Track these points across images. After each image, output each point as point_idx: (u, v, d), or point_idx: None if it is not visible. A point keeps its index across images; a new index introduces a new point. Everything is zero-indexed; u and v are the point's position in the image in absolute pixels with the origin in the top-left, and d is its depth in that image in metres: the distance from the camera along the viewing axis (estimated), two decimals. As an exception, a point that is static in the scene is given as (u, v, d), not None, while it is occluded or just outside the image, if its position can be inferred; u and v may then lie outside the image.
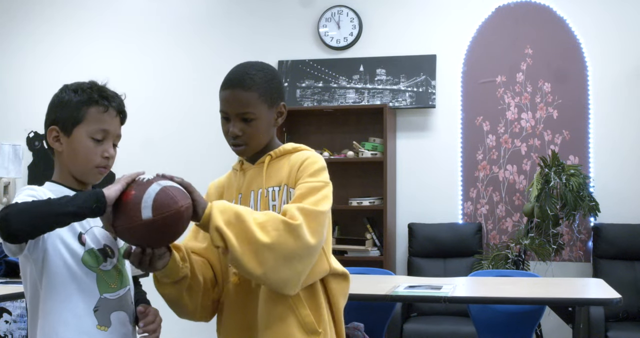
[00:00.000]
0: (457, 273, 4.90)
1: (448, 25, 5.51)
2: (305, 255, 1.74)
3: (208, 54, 5.86)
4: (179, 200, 1.69)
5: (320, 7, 5.71)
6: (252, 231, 1.71)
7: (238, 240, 1.71)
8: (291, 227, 1.72)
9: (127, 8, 6.12)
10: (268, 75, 1.94)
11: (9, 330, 5.62)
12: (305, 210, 1.77)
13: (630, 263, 4.97)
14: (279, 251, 1.71)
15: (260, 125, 1.91)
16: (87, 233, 1.83)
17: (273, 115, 1.95)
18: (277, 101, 1.95)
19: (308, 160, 1.92)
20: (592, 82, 5.25)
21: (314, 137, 5.59)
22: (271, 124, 1.95)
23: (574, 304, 3.46)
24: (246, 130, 1.91)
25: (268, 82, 1.93)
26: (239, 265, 1.74)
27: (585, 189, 5.00)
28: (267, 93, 1.92)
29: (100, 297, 1.80)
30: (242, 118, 1.90)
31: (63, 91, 1.93)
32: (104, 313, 1.81)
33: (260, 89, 1.91)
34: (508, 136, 5.36)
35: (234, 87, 1.92)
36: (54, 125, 1.89)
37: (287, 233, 1.72)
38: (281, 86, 1.99)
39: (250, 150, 1.95)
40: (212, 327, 2.03)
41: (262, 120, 1.91)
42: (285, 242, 1.72)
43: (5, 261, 3.86)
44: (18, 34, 6.28)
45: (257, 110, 1.90)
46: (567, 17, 5.32)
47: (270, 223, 1.74)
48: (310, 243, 1.74)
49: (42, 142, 6.13)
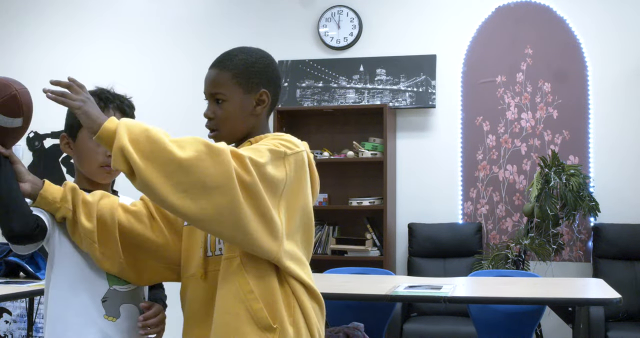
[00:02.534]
0: (457, 273, 4.90)
1: (448, 25, 5.51)
2: (227, 186, 1.56)
3: (208, 54, 5.82)
4: (13, 84, 1.75)
5: (320, 7, 5.71)
6: (166, 150, 1.54)
7: (146, 161, 1.54)
8: (214, 150, 1.56)
9: (127, 9, 6.12)
10: (251, 58, 1.84)
11: (9, 330, 5.62)
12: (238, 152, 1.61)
13: (630, 263, 4.97)
14: (197, 175, 1.55)
15: (232, 109, 1.80)
16: None
17: (251, 102, 1.81)
18: (256, 87, 1.81)
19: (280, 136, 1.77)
20: (592, 82, 5.26)
21: (314, 137, 5.59)
22: (248, 110, 1.81)
23: (574, 304, 3.46)
24: (217, 113, 1.80)
25: (248, 65, 1.82)
26: (148, 190, 1.56)
27: (585, 189, 5.00)
28: (243, 75, 1.80)
29: (109, 288, 1.87)
30: (214, 99, 1.81)
31: None
32: (113, 304, 1.87)
33: (235, 70, 1.80)
34: (508, 136, 5.36)
35: (212, 67, 1.84)
36: (64, 132, 2.02)
37: (209, 156, 1.55)
38: (266, 72, 1.85)
39: (222, 137, 1.80)
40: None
41: (234, 104, 1.80)
42: (205, 166, 1.55)
43: (5, 261, 3.85)
44: (18, 34, 6.28)
45: (229, 92, 1.79)
46: (567, 17, 5.32)
47: (189, 141, 1.57)
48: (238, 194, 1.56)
49: (42, 142, 6.13)
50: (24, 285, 3.52)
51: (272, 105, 1.87)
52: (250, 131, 1.83)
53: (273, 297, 1.69)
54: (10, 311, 5.63)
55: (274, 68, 1.88)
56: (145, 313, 1.88)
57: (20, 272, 3.86)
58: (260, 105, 1.83)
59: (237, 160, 1.59)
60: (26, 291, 3.43)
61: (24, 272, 3.83)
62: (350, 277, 4.12)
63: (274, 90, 1.86)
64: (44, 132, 6.10)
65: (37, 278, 3.72)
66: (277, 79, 1.89)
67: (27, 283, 3.59)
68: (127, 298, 1.90)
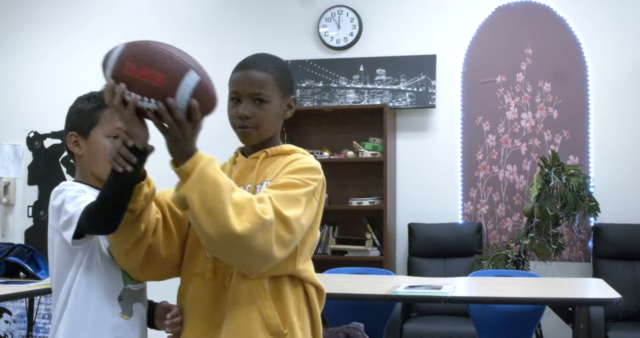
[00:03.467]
0: (457, 273, 4.90)
1: (448, 25, 5.51)
2: (267, 254, 1.67)
3: (208, 54, 5.84)
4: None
5: (320, 7, 5.71)
6: (225, 215, 1.61)
7: (205, 215, 1.62)
8: (265, 223, 1.64)
9: (127, 9, 6.12)
10: (283, 65, 1.93)
11: (9, 330, 5.62)
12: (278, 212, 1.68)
13: (630, 263, 4.97)
14: (244, 244, 1.63)
15: (271, 111, 1.86)
16: None
17: (284, 106, 1.90)
18: (289, 92, 1.91)
19: (299, 160, 1.84)
20: (592, 82, 5.26)
21: (314, 137, 5.59)
22: (280, 114, 1.89)
23: (574, 304, 3.46)
24: (257, 113, 1.85)
25: (283, 71, 1.91)
26: (196, 228, 1.66)
27: (585, 189, 5.00)
28: (282, 80, 1.88)
29: (124, 287, 1.92)
30: (254, 99, 1.85)
31: (77, 101, 2.06)
32: (127, 303, 1.92)
33: (275, 74, 1.87)
34: (508, 136, 5.36)
35: (250, 68, 1.88)
36: (72, 131, 2.02)
37: (260, 231, 1.63)
38: (294, 80, 1.95)
39: (257, 136, 1.87)
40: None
41: (273, 106, 1.86)
42: (254, 238, 1.63)
43: (5, 261, 3.86)
44: (18, 34, 6.28)
45: (271, 94, 1.85)
46: (567, 17, 5.32)
47: (247, 208, 1.63)
48: (274, 255, 1.67)
49: (42, 142, 6.13)
50: (24, 285, 3.52)
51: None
52: (273, 136, 1.92)
53: (285, 303, 1.78)
54: (10, 311, 5.63)
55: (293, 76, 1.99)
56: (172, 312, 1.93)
57: (20, 272, 3.86)
58: (289, 110, 1.92)
59: (282, 222, 1.68)
60: (26, 291, 3.44)
61: (24, 272, 3.83)
62: (350, 277, 4.12)
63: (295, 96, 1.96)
64: (44, 132, 6.10)
65: (37, 278, 3.72)
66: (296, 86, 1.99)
67: (27, 283, 3.59)
68: (138, 297, 1.95)
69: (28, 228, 6.15)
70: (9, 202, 6.16)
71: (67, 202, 1.84)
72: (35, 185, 6.14)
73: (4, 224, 6.20)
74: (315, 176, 1.80)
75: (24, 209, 6.17)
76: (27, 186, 6.16)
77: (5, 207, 6.19)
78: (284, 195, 1.71)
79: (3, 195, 6.13)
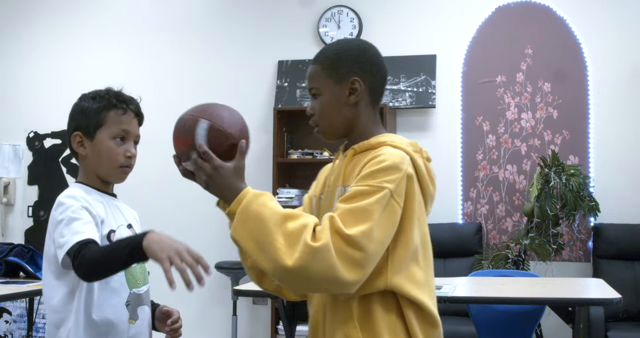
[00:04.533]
0: (457, 273, 4.90)
1: (448, 25, 5.51)
2: (331, 278, 1.55)
3: (208, 53, 5.86)
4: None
5: (320, 7, 5.71)
6: (274, 248, 1.56)
7: (257, 251, 1.59)
8: (317, 251, 1.55)
9: (127, 9, 6.12)
10: (341, 48, 1.79)
11: (9, 330, 5.62)
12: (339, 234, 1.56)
13: (630, 263, 4.97)
14: (302, 277, 1.56)
15: (327, 102, 1.76)
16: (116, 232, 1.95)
17: (344, 92, 1.75)
18: (346, 76, 1.74)
19: (373, 160, 1.66)
20: (592, 82, 5.25)
21: (314, 137, 5.54)
22: (342, 101, 1.75)
23: (574, 304, 3.46)
24: (315, 108, 1.78)
25: (337, 55, 1.77)
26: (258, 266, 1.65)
27: (585, 189, 5.00)
28: (334, 66, 1.75)
29: (130, 291, 1.92)
30: (312, 94, 1.79)
31: (82, 100, 2.02)
32: (134, 307, 1.92)
33: (326, 62, 1.77)
34: (508, 136, 5.36)
35: (310, 64, 1.81)
36: (77, 131, 1.99)
37: (312, 260, 1.54)
38: (357, 60, 1.76)
39: (323, 132, 1.80)
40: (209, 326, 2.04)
41: (327, 97, 1.76)
42: (308, 268, 1.55)
43: (5, 261, 3.85)
44: (18, 34, 6.28)
45: (321, 85, 1.76)
46: (567, 17, 5.32)
47: (296, 238, 1.56)
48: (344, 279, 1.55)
49: (42, 142, 6.13)
50: (24, 285, 3.52)
51: (372, 93, 1.79)
52: (352, 124, 1.78)
53: (374, 323, 1.65)
54: (10, 311, 5.63)
55: (367, 55, 1.80)
56: (172, 318, 1.95)
57: (20, 272, 3.86)
58: (353, 93, 1.75)
59: (346, 242, 1.55)
60: (26, 291, 3.44)
61: (24, 272, 3.83)
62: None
63: (370, 78, 1.77)
64: (44, 132, 6.10)
65: (37, 278, 3.71)
66: (372, 66, 1.79)
67: (27, 283, 3.59)
68: (143, 300, 1.96)
69: (28, 228, 6.14)
70: (9, 202, 6.16)
71: (65, 223, 1.82)
72: (35, 185, 6.14)
73: (4, 224, 6.20)
74: (391, 176, 1.62)
75: (24, 209, 6.17)
76: (27, 186, 6.16)
77: (5, 207, 6.19)
78: (350, 210, 1.59)
79: (3, 195, 6.13)
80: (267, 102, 5.69)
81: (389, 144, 1.71)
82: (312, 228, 1.57)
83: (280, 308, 3.60)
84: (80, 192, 1.94)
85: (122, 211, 2.05)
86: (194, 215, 5.74)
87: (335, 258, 1.53)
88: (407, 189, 1.65)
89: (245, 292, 3.53)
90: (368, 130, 1.78)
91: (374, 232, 1.57)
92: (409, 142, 1.74)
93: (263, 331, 5.58)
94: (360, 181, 1.63)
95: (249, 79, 5.73)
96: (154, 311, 2.04)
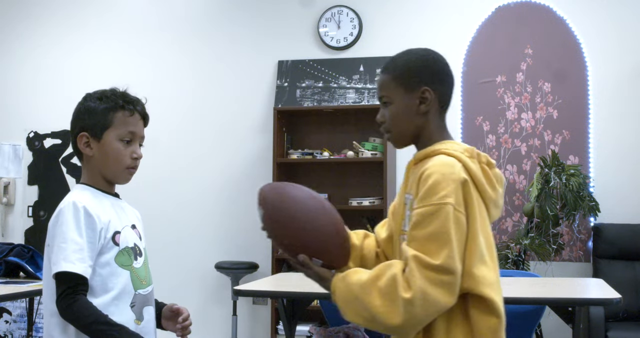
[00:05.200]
0: (457, 273, 4.89)
1: (448, 25, 5.51)
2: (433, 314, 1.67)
3: (207, 54, 5.86)
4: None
5: (320, 7, 5.71)
6: (380, 316, 1.65)
7: (369, 323, 1.69)
8: (417, 298, 1.62)
9: (127, 9, 6.12)
10: (412, 58, 1.85)
11: (9, 330, 5.62)
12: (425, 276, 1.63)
13: (630, 263, 4.97)
14: (411, 326, 1.67)
15: (397, 110, 1.81)
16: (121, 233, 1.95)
17: (414, 101, 1.80)
18: (417, 85, 1.80)
19: (424, 174, 1.73)
20: (592, 82, 5.25)
21: (314, 137, 5.59)
22: (412, 110, 1.81)
23: (574, 304, 3.46)
24: (386, 116, 1.84)
25: (408, 64, 1.83)
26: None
27: (585, 189, 5.00)
28: (404, 75, 1.81)
29: (135, 293, 1.93)
30: (383, 103, 1.85)
31: (87, 100, 2.02)
32: (139, 308, 1.93)
33: (396, 71, 1.82)
34: (508, 136, 5.36)
35: (380, 72, 1.88)
36: (84, 131, 1.98)
37: (419, 309, 1.63)
38: (428, 70, 1.83)
39: (394, 139, 1.87)
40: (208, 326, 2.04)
41: (397, 105, 1.81)
42: (416, 317, 1.64)
43: (5, 261, 3.85)
44: (19, 34, 6.28)
45: (391, 94, 1.82)
46: (567, 17, 5.32)
47: (391, 288, 1.64)
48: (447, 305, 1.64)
49: (42, 142, 6.13)
50: (24, 285, 3.52)
51: (442, 103, 1.85)
52: (420, 132, 1.84)
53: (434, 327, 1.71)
54: (10, 311, 5.63)
55: (438, 66, 1.86)
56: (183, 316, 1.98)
57: (20, 272, 3.86)
58: (424, 103, 1.81)
59: (437, 272, 1.62)
60: (26, 291, 3.44)
61: (24, 272, 3.83)
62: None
63: (440, 88, 1.84)
64: (44, 132, 6.10)
65: (37, 278, 3.72)
66: (443, 76, 1.87)
67: (27, 283, 3.59)
68: (148, 301, 1.97)
69: (28, 228, 6.15)
70: (9, 202, 6.16)
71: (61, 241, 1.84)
72: (35, 185, 6.14)
73: (4, 224, 6.20)
74: (447, 189, 1.67)
75: (24, 209, 6.17)
76: (27, 186, 6.16)
77: (5, 207, 6.19)
78: (428, 238, 1.66)
79: (3, 195, 6.13)
80: (267, 102, 5.69)
81: (443, 151, 1.77)
82: (402, 277, 1.64)
83: (280, 308, 3.60)
84: (86, 195, 1.94)
85: (126, 212, 2.06)
86: (194, 215, 5.74)
87: (433, 294, 1.62)
88: (465, 195, 1.70)
89: (245, 292, 3.53)
90: (433, 138, 1.84)
91: (455, 251, 1.64)
92: (465, 148, 1.79)
93: (263, 331, 5.58)
94: (420, 202, 1.69)
95: (249, 79, 5.73)
96: (160, 309, 2.05)
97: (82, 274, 1.81)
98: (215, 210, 5.70)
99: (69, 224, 1.85)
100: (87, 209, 1.88)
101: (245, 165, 5.70)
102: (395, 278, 1.64)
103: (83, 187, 1.98)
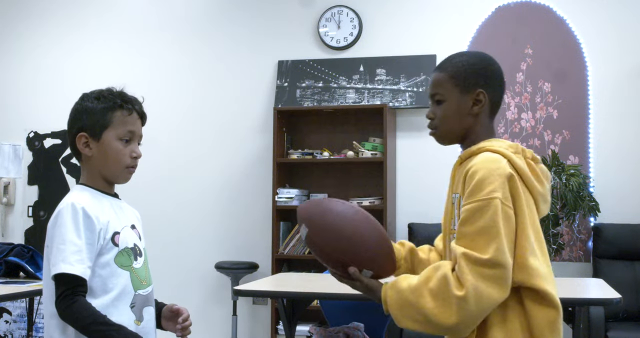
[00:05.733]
0: (457, 273, 4.90)
1: (448, 25, 5.51)
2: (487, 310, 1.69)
3: (207, 54, 5.86)
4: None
5: (320, 7, 5.71)
6: (434, 317, 1.67)
7: (421, 325, 1.71)
8: (468, 300, 1.65)
9: (127, 9, 6.12)
10: (469, 60, 1.89)
11: (9, 330, 5.62)
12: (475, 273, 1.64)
13: (630, 263, 4.97)
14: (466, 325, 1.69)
15: (450, 109, 1.85)
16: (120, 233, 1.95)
17: (468, 102, 1.85)
18: (472, 87, 1.85)
19: (469, 171, 1.75)
20: (592, 82, 5.25)
21: (314, 137, 5.59)
22: (465, 110, 1.85)
23: (574, 304, 3.46)
24: (436, 113, 1.87)
25: (465, 66, 1.86)
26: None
27: (585, 189, 5.00)
28: (461, 75, 1.85)
29: (135, 293, 1.93)
30: (434, 100, 1.87)
31: (85, 100, 2.01)
32: (139, 309, 1.93)
33: (453, 70, 1.86)
34: (508, 136, 5.36)
35: (434, 70, 1.90)
36: (82, 131, 1.97)
37: (472, 310, 1.65)
38: (484, 73, 1.88)
39: (440, 137, 1.89)
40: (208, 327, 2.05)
41: (451, 104, 1.85)
42: (471, 317, 1.67)
43: (5, 261, 3.85)
44: (19, 34, 6.28)
45: (447, 92, 1.85)
46: (567, 17, 5.32)
47: (443, 291, 1.66)
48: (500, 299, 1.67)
49: (42, 142, 6.13)
50: (24, 285, 3.52)
51: (493, 106, 1.90)
52: (468, 132, 1.87)
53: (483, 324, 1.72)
54: (10, 311, 5.63)
55: (493, 69, 1.92)
56: (183, 316, 1.98)
57: (20, 272, 3.86)
58: (477, 105, 1.86)
59: (488, 267, 1.64)
60: (26, 291, 3.44)
61: (24, 272, 3.83)
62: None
63: (492, 91, 1.89)
64: (44, 132, 6.10)
65: (37, 278, 3.72)
66: (496, 79, 1.92)
67: (27, 283, 3.59)
68: (148, 301, 1.97)
69: (28, 228, 6.15)
70: (9, 202, 6.16)
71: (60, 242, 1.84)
72: (35, 185, 6.14)
73: (4, 224, 6.20)
74: (494, 184, 1.69)
75: (24, 209, 6.17)
76: (27, 186, 6.16)
77: (5, 207, 6.19)
78: (477, 233, 1.68)
79: (3, 195, 6.13)
80: (267, 102, 5.69)
81: (487, 148, 1.79)
82: (452, 275, 1.67)
83: (280, 308, 3.60)
84: (85, 196, 1.94)
85: (125, 212, 2.05)
86: (194, 215, 5.74)
87: (485, 289, 1.63)
88: (512, 190, 1.72)
89: (245, 292, 3.53)
90: (480, 139, 1.86)
91: (505, 244, 1.66)
92: (509, 144, 1.81)
93: (263, 331, 5.58)
94: (468, 199, 1.71)
95: (249, 79, 5.73)
96: (160, 310, 2.05)
97: (80, 276, 1.81)
98: (215, 210, 5.71)
99: (67, 226, 1.85)
100: (86, 210, 1.88)
101: (245, 165, 5.70)
102: (446, 278, 1.66)
103: (82, 188, 1.98)
